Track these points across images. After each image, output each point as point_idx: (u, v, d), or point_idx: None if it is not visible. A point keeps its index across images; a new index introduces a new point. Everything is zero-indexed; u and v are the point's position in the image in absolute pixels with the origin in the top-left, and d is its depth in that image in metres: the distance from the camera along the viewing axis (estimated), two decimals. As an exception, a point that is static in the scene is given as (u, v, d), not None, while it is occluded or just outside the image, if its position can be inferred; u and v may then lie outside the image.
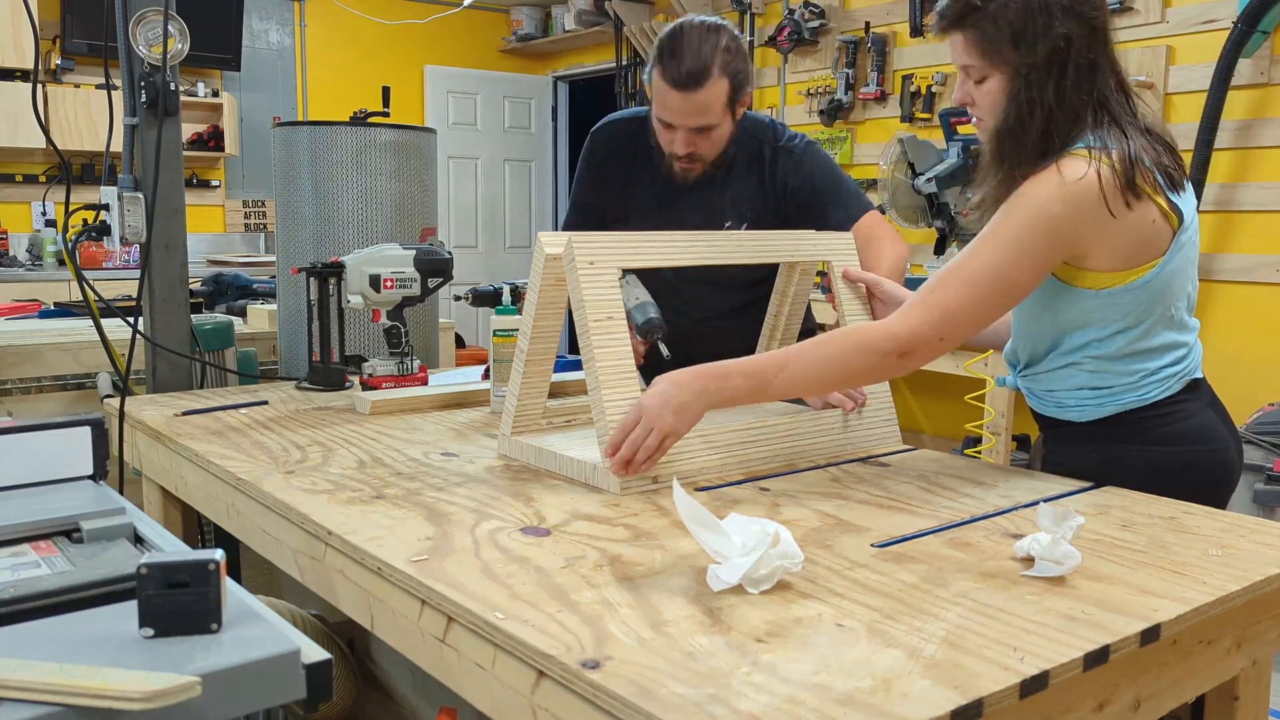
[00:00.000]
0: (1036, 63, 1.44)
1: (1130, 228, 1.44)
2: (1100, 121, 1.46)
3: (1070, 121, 1.46)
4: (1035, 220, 1.42)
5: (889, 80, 5.00)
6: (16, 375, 2.46)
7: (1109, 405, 1.54)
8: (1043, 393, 1.62)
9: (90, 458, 1.34)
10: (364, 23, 6.65)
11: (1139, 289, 1.48)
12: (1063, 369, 1.57)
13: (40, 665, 0.79)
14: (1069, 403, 1.58)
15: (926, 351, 1.47)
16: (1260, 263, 3.80)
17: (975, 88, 1.53)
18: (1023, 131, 1.47)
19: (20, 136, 5.29)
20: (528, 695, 0.96)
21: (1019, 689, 0.88)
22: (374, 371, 2.13)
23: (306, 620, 2.11)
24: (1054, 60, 1.44)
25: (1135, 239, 1.45)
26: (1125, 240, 1.45)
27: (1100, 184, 1.41)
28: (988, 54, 1.48)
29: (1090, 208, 1.41)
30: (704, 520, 1.12)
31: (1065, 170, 1.42)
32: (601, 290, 1.51)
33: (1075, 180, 1.41)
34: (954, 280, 1.46)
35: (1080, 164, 1.42)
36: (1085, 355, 1.54)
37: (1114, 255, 1.46)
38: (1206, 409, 1.58)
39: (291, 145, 2.48)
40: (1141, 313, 1.50)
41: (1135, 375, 1.53)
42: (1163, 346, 1.53)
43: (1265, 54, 3.73)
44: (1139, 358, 1.52)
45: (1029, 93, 1.45)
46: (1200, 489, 1.51)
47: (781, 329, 1.92)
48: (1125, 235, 1.44)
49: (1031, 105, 1.45)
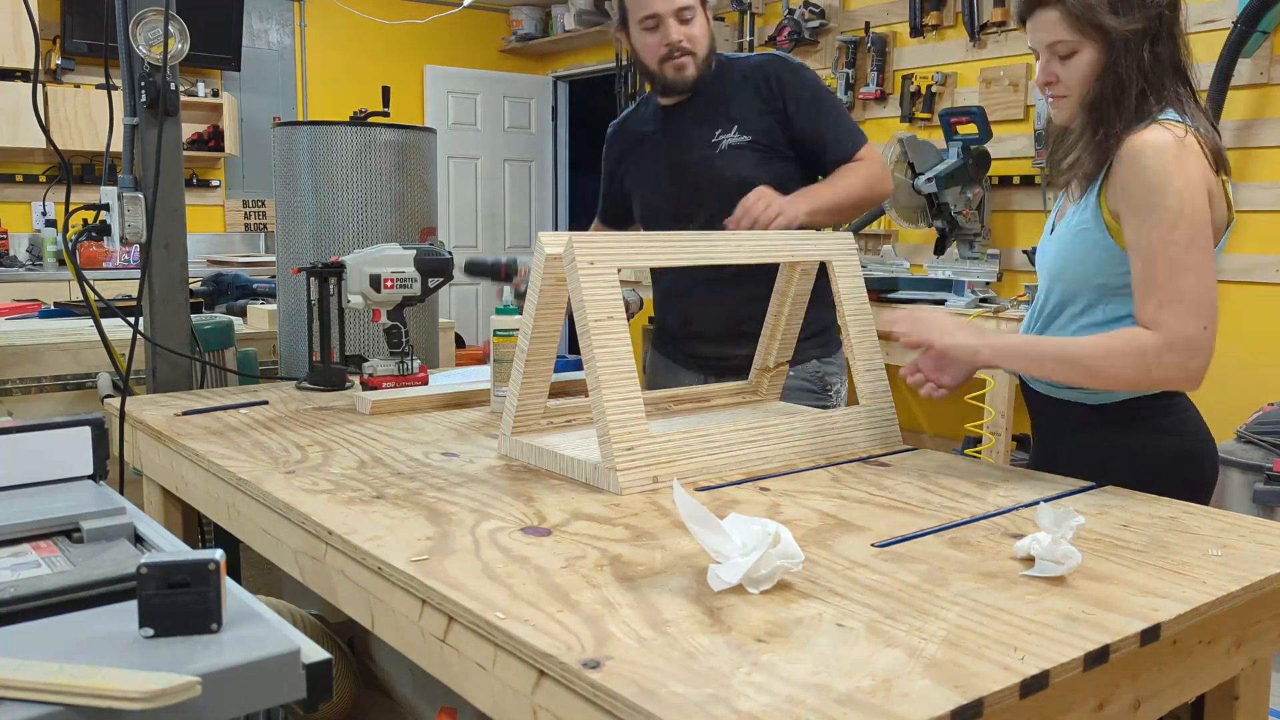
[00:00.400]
0: (1134, 29, 1.48)
1: (1216, 200, 1.48)
2: (1180, 98, 1.51)
3: (1159, 87, 1.49)
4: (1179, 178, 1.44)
5: (889, 80, 5.00)
6: (16, 375, 2.46)
7: (1120, 391, 1.55)
8: None
9: (90, 458, 1.34)
10: (364, 23, 6.65)
11: None
12: None
13: (40, 665, 0.79)
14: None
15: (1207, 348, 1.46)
16: (1260, 263, 3.80)
17: (1061, 65, 1.54)
18: (1122, 95, 1.49)
19: (20, 136, 5.30)
20: (528, 695, 0.96)
21: (1019, 689, 0.88)
22: (374, 371, 2.13)
23: (306, 620, 2.11)
24: (1148, 28, 1.48)
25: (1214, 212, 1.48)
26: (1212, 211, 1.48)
27: (1200, 145, 1.46)
28: (1082, 25, 1.50)
29: (1202, 162, 1.46)
30: (704, 520, 1.12)
31: (1170, 129, 1.46)
32: (601, 290, 1.51)
33: (1180, 138, 1.45)
34: (1168, 263, 1.45)
35: (1178, 128, 1.46)
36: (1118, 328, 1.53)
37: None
38: (1191, 405, 1.61)
39: (291, 145, 2.48)
40: None
41: None
42: None
43: (1265, 54, 3.73)
44: None
45: (1128, 58, 1.49)
46: (1195, 480, 1.55)
47: (782, 329, 1.92)
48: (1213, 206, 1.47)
49: (1131, 71, 1.49)
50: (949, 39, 4.78)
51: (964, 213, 4.26)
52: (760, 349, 1.96)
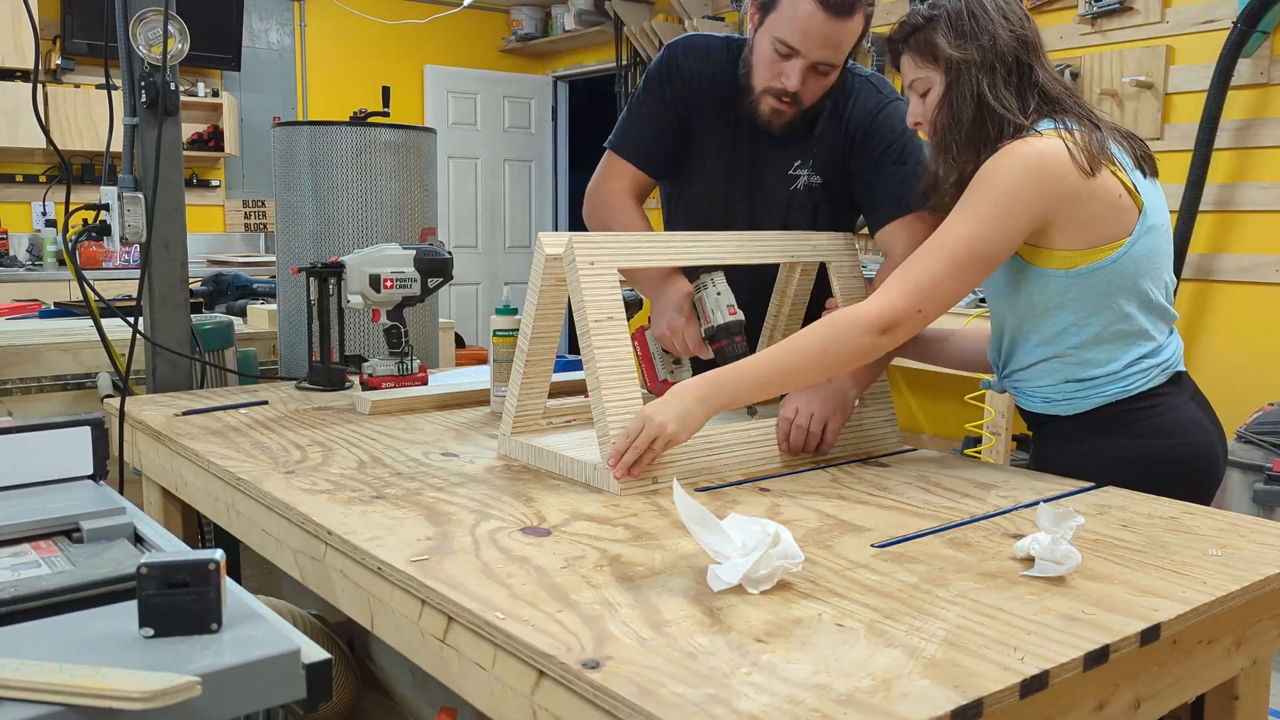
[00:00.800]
0: (968, 59, 1.53)
1: (1093, 200, 1.48)
2: (1055, 112, 1.54)
3: (1009, 114, 1.52)
4: (1000, 186, 1.48)
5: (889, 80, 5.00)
6: (16, 375, 2.46)
7: (1094, 397, 1.55)
8: (1030, 390, 1.63)
9: (90, 458, 1.34)
10: (364, 23, 6.65)
11: (1108, 269, 1.50)
12: (1045, 363, 1.59)
13: (41, 665, 0.80)
14: (1055, 397, 1.59)
15: (908, 325, 1.49)
16: (1260, 263, 3.79)
17: (922, 103, 1.61)
18: (955, 123, 1.55)
19: (20, 136, 5.29)
20: (528, 695, 0.96)
21: (1019, 689, 0.88)
22: (374, 371, 2.13)
23: (306, 620, 2.11)
24: (984, 58, 1.53)
25: (1101, 212, 1.49)
26: (1090, 213, 1.48)
27: (1067, 149, 1.47)
28: (927, 59, 1.57)
29: (1057, 173, 1.47)
30: (704, 520, 1.12)
31: (1029, 141, 1.49)
32: (601, 290, 1.51)
33: (1037, 147, 1.48)
34: (926, 254, 1.50)
35: (1043, 138, 1.49)
36: (1065, 346, 1.56)
37: (1081, 229, 1.49)
38: (1189, 402, 1.59)
39: (291, 145, 2.48)
40: (1114, 295, 1.52)
41: (1118, 364, 1.54)
42: (1140, 332, 1.55)
43: (1265, 54, 3.73)
44: (1119, 345, 1.54)
45: (960, 86, 1.54)
46: (1185, 482, 1.53)
47: (781, 329, 1.92)
48: (1090, 207, 1.48)
49: (963, 98, 1.54)
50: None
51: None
52: (760, 349, 1.96)
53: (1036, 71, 1.55)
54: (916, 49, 1.59)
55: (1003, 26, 1.53)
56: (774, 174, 1.96)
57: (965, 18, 1.54)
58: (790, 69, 1.79)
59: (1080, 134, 1.50)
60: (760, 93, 1.85)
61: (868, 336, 1.48)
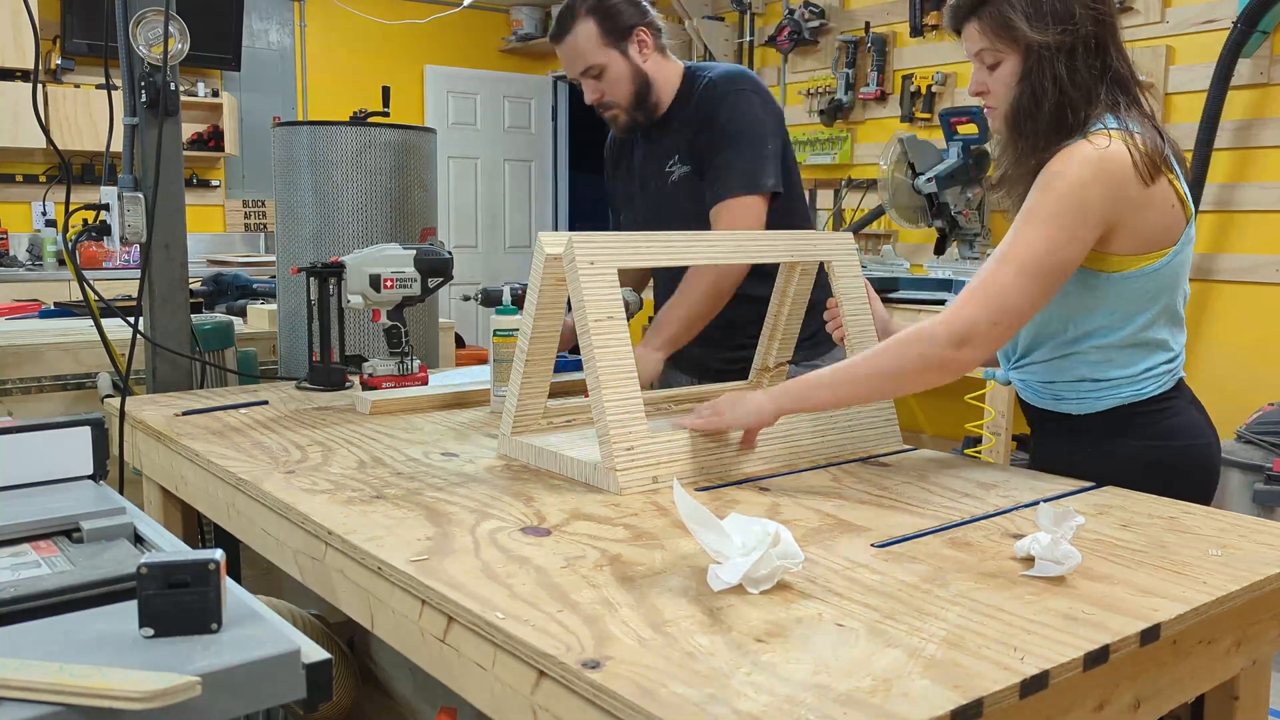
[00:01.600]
0: (1049, 41, 1.47)
1: (1153, 207, 1.46)
2: (1118, 106, 1.49)
3: (1084, 101, 1.48)
4: (1072, 194, 1.43)
5: (889, 80, 5.00)
6: (16, 375, 2.46)
7: (1106, 399, 1.55)
8: (1039, 384, 1.62)
9: (90, 458, 1.34)
10: (364, 23, 6.65)
11: (1151, 275, 1.49)
12: (1063, 359, 1.58)
13: (41, 665, 0.80)
14: (1067, 395, 1.58)
15: (984, 340, 1.44)
16: (1260, 263, 3.79)
17: (989, 75, 1.55)
18: (1037, 109, 1.49)
19: (20, 136, 5.29)
20: (528, 695, 0.96)
21: (1019, 689, 0.88)
22: (374, 371, 2.13)
23: (306, 620, 2.11)
24: (1065, 39, 1.47)
25: (1157, 220, 1.47)
26: (1148, 220, 1.47)
27: (1131, 155, 1.43)
28: (1001, 36, 1.50)
29: (1122, 180, 1.43)
30: (704, 520, 1.12)
31: (1095, 141, 1.44)
32: (601, 290, 1.51)
33: (1105, 151, 1.43)
34: (1001, 265, 1.45)
35: (1104, 139, 1.44)
36: (1090, 344, 1.55)
37: (1136, 236, 1.47)
38: (1190, 406, 1.60)
39: (291, 145, 2.48)
40: (1149, 302, 1.52)
41: (1136, 368, 1.54)
42: (1163, 342, 1.55)
43: (1265, 54, 3.73)
44: (1142, 350, 1.54)
45: (1042, 70, 1.48)
46: (1188, 485, 1.53)
47: (781, 329, 1.92)
48: (1149, 215, 1.46)
49: (1044, 83, 1.48)
50: (949, 39, 4.77)
51: (964, 213, 4.25)
52: (760, 349, 1.96)
53: (1112, 54, 1.50)
54: (989, 21, 1.51)
55: (1081, 5, 1.47)
56: (654, 174, 2.25)
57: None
58: (584, 88, 2.23)
59: (1141, 137, 1.46)
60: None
61: (943, 350, 1.44)
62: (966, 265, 4.27)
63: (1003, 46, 1.51)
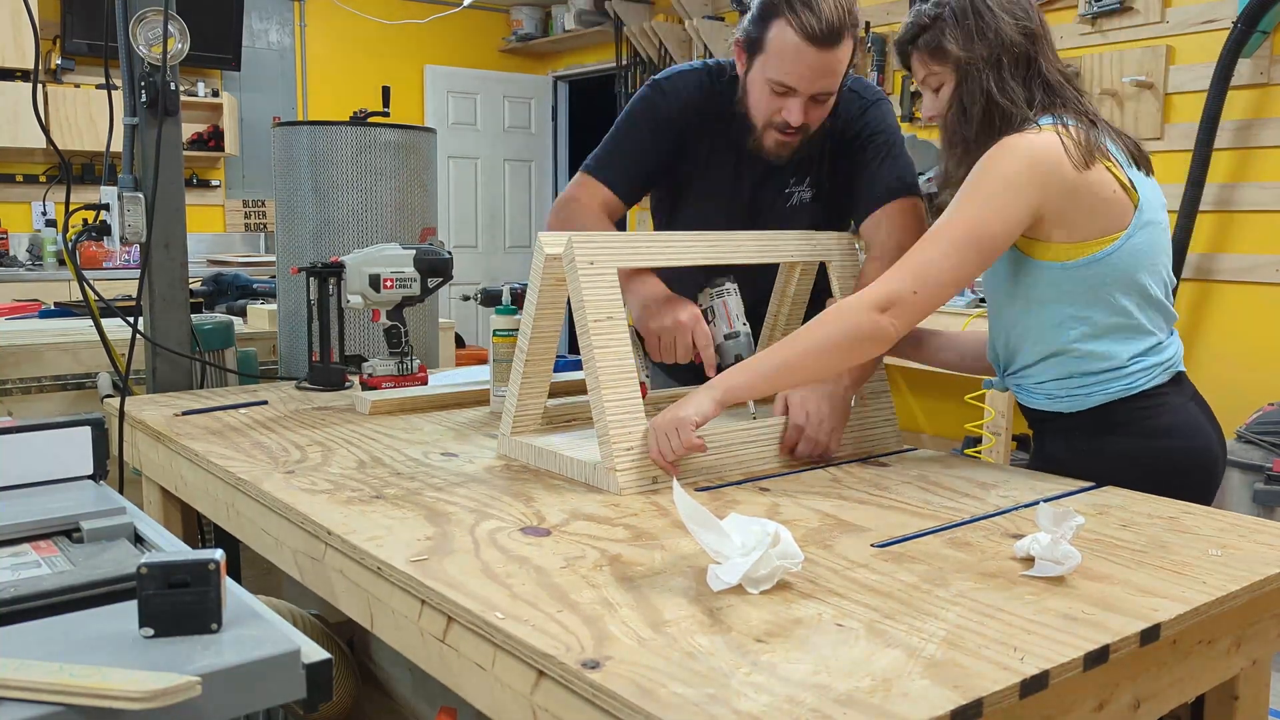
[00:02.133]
0: (975, 57, 1.56)
1: (1088, 194, 1.51)
2: (1053, 106, 1.57)
3: (1012, 106, 1.56)
4: (996, 176, 1.51)
5: (889, 80, 5.00)
6: (16, 375, 2.46)
7: (1097, 394, 1.56)
8: (1032, 386, 1.64)
9: (90, 458, 1.34)
10: (364, 23, 6.65)
11: (1103, 262, 1.52)
12: (1049, 359, 1.59)
13: (41, 665, 0.80)
14: (1058, 393, 1.60)
15: (906, 308, 1.50)
16: (1260, 263, 3.79)
17: (935, 98, 1.65)
18: (965, 118, 1.59)
19: (20, 136, 5.30)
20: (528, 695, 0.96)
21: (1019, 689, 0.88)
22: (374, 371, 2.13)
23: (306, 620, 2.11)
24: (991, 53, 1.56)
25: (1094, 206, 1.51)
26: (1083, 207, 1.51)
27: (1061, 141, 1.50)
28: (938, 59, 1.61)
29: (1052, 163, 1.50)
30: (704, 520, 1.12)
31: (1024, 134, 1.53)
32: (601, 290, 1.51)
33: (1033, 140, 1.52)
34: (927, 240, 1.54)
35: (1040, 132, 1.53)
36: (1065, 340, 1.57)
37: (1073, 223, 1.52)
38: (1189, 403, 1.61)
39: (291, 145, 2.48)
40: (1112, 288, 1.53)
41: (1123, 357, 1.55)
42: (1139, 327, 1.56)
43: (1265, 54, 3.73)
44: (1123, 337, 1.55)
45: (971, 84, 1.58)
46: (1186, 483, 1.54)
47: (781, 329, 1.92)
48: (1083, 202, 1.51)
49: (971, 94, 1.58)
50: (949, 39, 4.78)
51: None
52: (760, 348, 1.96)
53: (1040, 63, 1.58)
54: (925, 49, 1.62)
55: (1006, 22, 1.56)
56: (770, 194, 1.97)
57: (970, 15, 1.57)
58: (791, 105, 1.77)
59: (1075, 129, 1.53)
60: (763, 128, 1.83)
61: (867, 314, 1.49)
62: (966, 265, 4.26)
63: (939, 69, 1.61)
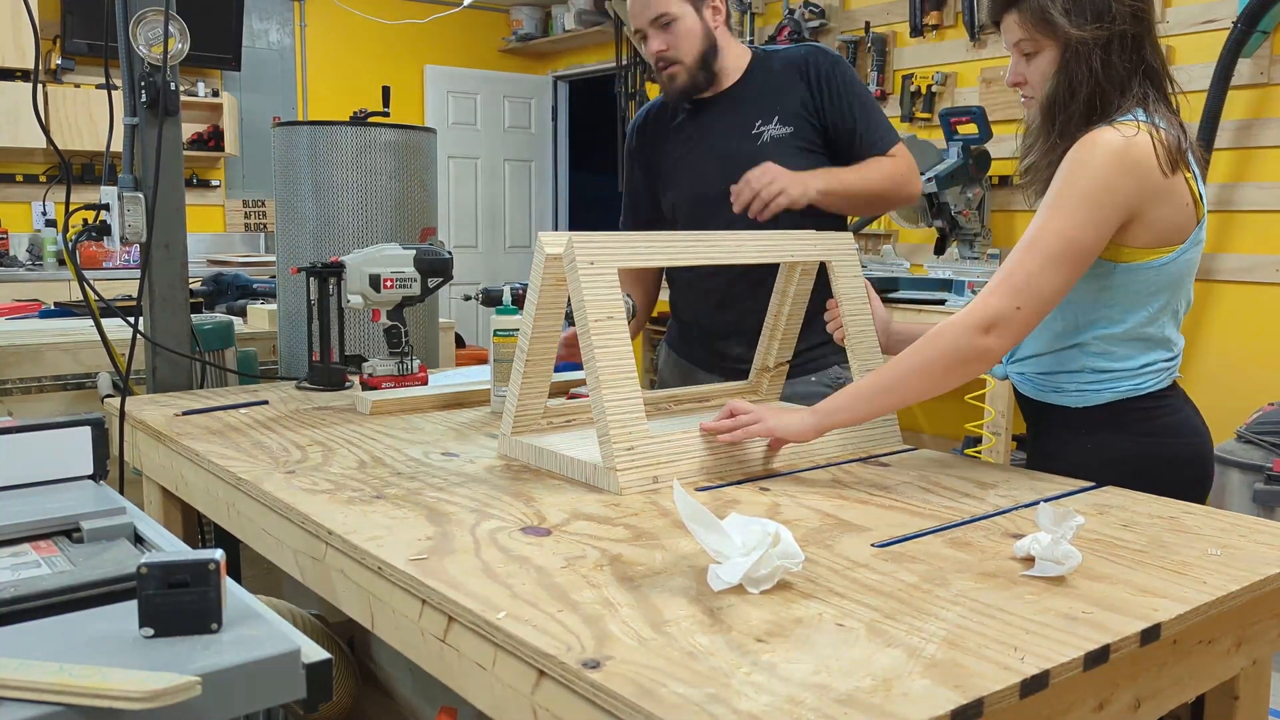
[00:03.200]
0: (1086, 36, 1.49)
1: (1170, 201, 1.48)
2: (1148, 100, 1.51)
3: (1116, 94, 1.50)
4: (1091, 178, 1.45)
5: (889, 80, 5.00)
6: (16, 375, 2.46)
7: (1106, 392, 1.56)
8: (1039, 377, 1.63)
9: (90, 458, 1.34)
10: (364, 23, 6.65)
11: (1159, 270, 1.51)
12: (1067, 350, 1.59)
13: (41, 665, 0.80)
14: (1067, 387, 1.59)
15: (1010, 325, 1.46)
16: (1260, 263, 3.79)
17: (1027, 65, 1.58)
18: (1071, 99, 1.52)
19: (20, 136, 5.29)
20: (528, 695, 0.96)
21: (1019, 689, 0.88)
22: (374, 371, 2.13)
23: (306, 620, 2.11)
24: (1101, 34, 1.49)
25: (1170, 215, 1.49)
26: (1162, 214, 1.48)
27: (1153, 144, 1.46)
28: (1040, 28, 1.53)
29: (1146, 169, 1.46)
30: (704, 520, 1.12)
31: (1118, 131, 1.47)
32: (601, 290, 1.51)
33: (1130, 139, 1.45)
34: (1024, 251, 1.47)
35: (1131, 128, 1.47)
36: (1093, 335, 1.56)
37: (1151, 228, 1.49)
38: (1186, 405, 1.62)
39: (291, 145, 2.48)
40: (1153, 296, 1.53)
41: (1137, 362, 1.55)
42: (1163, 339, 1.57)
43: (1265, 54, 3.73)
44: (1144, 345, 1.55)
45: (1078, 62, 1.51)
46: (1184, 482, 1.55)
47: (781, 329, 1.92)
48: (1165, 208, 1.48)
49: (1079, 75, 1.51)
50: (949, 39, 4.78)
51: (964, 213, 4.26)
52: (760, 349, 1.96)
53: (1146, 49, 1.53)
54: (1028, 13, 1.54)
55: (1119, 1, 1.49)
56: (737, 140, 2.19)
57: None
58: (650, 44, 2.16)
59: (1165, 132, 1.48)
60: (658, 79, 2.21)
61: (970, 336, 1.46)
62: (966, 265, 4.27)
63: (1040, 38, 1.54)
